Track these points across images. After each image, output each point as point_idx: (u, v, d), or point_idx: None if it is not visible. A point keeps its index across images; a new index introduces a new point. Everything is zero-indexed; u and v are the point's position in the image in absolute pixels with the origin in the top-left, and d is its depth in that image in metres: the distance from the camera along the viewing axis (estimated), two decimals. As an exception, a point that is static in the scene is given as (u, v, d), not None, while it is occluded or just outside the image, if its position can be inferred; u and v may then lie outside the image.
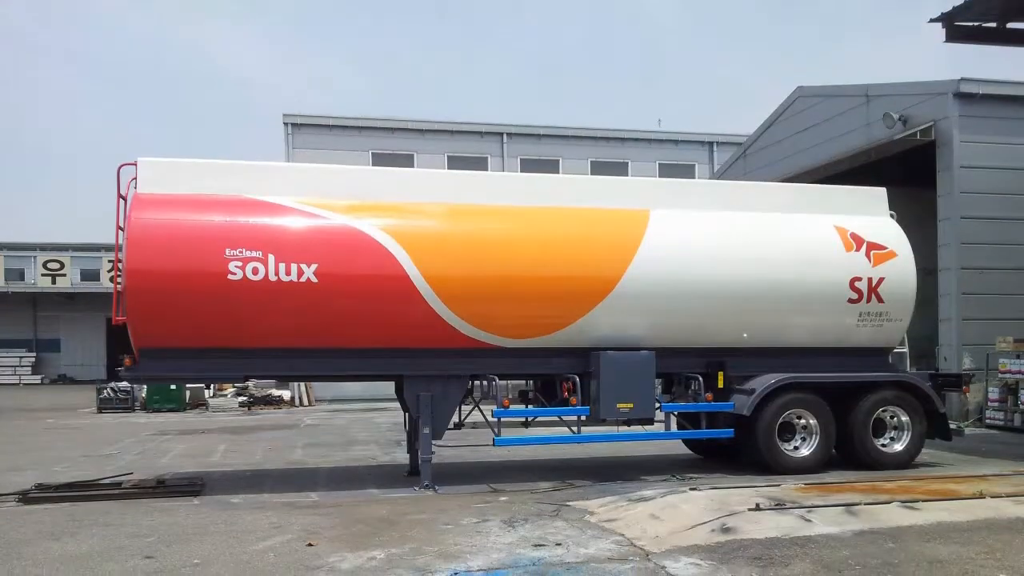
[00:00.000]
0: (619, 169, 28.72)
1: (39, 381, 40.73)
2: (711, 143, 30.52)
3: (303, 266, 8.80)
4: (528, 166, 27.83)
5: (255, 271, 8.70)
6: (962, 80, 15.49)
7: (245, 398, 23.11)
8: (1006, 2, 12.45)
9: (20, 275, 40.50)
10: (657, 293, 9.73)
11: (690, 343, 10.14)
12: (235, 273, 8.67)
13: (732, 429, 10.06)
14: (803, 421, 10.20)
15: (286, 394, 23.58)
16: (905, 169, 16.68)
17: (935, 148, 15.93)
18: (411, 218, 9.42)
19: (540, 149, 28.84)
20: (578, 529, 7.20)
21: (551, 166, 28.15)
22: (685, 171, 29.05)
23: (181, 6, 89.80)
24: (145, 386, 21.59)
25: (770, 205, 10.74)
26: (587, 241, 9.75)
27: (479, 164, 27.52)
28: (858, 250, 10.46)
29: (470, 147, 28.25)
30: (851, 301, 10.36)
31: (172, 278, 8.59)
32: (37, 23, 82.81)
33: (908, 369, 11.29)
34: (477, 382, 9.99)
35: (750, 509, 7.27)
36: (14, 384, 39.15)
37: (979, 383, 14.77)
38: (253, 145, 76.00)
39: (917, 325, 11.50)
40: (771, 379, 10.00)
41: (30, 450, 14.00)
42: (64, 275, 39.54)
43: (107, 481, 9.84)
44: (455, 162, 27.26)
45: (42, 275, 39.41)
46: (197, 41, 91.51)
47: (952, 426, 11.24)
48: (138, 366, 9.02)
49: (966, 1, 12.30)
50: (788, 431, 10.19)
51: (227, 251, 8.68)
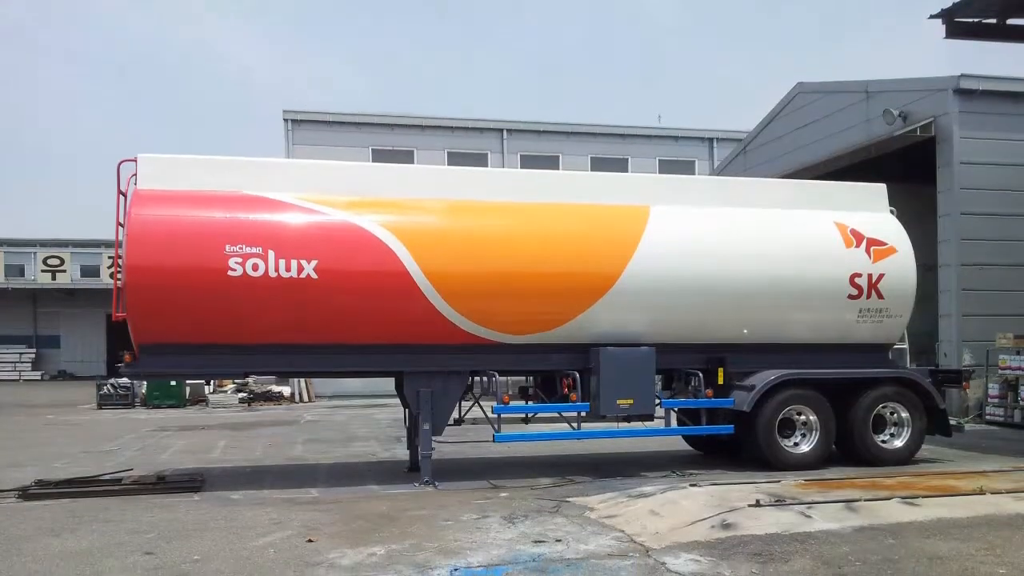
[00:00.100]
0: (619, 165, 28.67)
1: (39, 377, 40.68)
2: (711, 139, 30.44)
3: (303, 262, 8.80)
4: (528, 162, 27.77)
5: (255, 267, 8.70)
6: (962, 76, 15.47)
7: (245, 394, 23.11)
8: (1006, -2, 12.44)
9: (20, 271, 40.39)
10: (657, 289, 9.73)
11: (690, 339, 10.14)
12: (235, 269, 8.67)
13: (732, 425, 10.08)
14: (803, 417, 10.21)
15: (286, 390, 23.58)
16: (905, 165, 16.67)
17: (935, 144, 15.92)
18: (411, 214, 9.42)
19: (540, 145, 28.77)
20: (578, 525, 7.21)
21: (551, 162, 28.09)
22: (685, 167, 28.97)
23: (181, 6, 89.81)
24: (145, 382, 21.63)
25: (770, 201, 10.73)
26: (587, 237, 9.75)
27: (479, 160, 27.46)
28: (858, 246, 10.46)
29: (470, 143, 28.16)
30: (851, 297, 10.36)
31: (172, 274, 8.59)
32: (37, 23, 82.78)
33: (908, 365, 11.28)
34: (477, 378, 10.00)
35: (750, 505, 7.28)
36: (14, 380, 39.10)
37: (979, 379, 14.77)
38: (253, 142, 76.01)
39: (917, 321, 11.50)
40: (771, 375, 10.00)
41: (30, 446, 14.01)
42: (64, 271, 39.43)
43: (107, 477, 9.85)
44: (455, 158, 27.18)
45: (42, 271, 39.29)
46: (197, 41, 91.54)
47: (952, 422, 11.25)
48: (138, 362, 9.02)
49: (966, -2, 12.30)
50: (788, 427, 10.19)
51: (227, 247, 8.68)
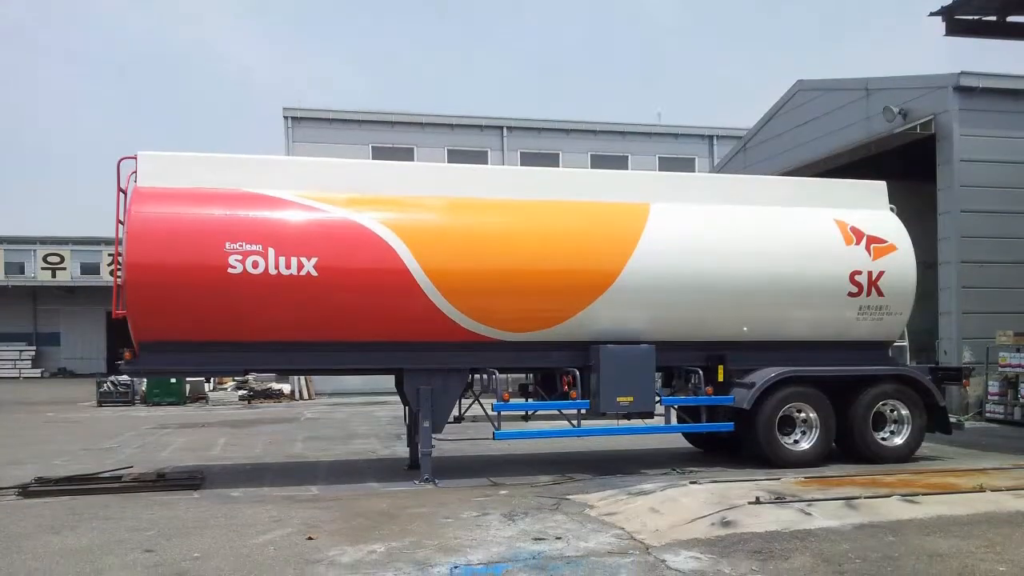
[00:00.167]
0: (619, 163, 28.69)
1: (39, 375, 40.74)
2: (711, 137, 30.46)
3: (303, 260, 8.79)
4: (528, 160, 27.77)
5: (255, 265, 8.69)
6: (962, 74, 15.46)
7: (245, 392, 23.11)
8: (1006, -5, 12.44)
9: (20, 269, 40.43)
10: (657, 287, 9.73)
11: (690, 337, 10.14)
12: (235, 267, 8.66)
13: (732, 423, 10.08)
14: (803, 415, 10.21)
15: (286, 388, 23.58)
16: (905, 163, 16.67)
17: (935, 142, 15.91)
18: (411, 212, 9.42)
19: (540, 143, 28.78)
20: (578, 523, 7.21)
21: (551, 160, 28.10)
22: (685, 165, 28.98)
23: (181, 6, 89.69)
24: (145, 380, 21.64)
25: (770, 199, 10.73)
26: (587, 235, 9.74)
27: (479, 158, 27.45)
28: (858, 244, 10.46)
29: (470, 141, 28.16)
30: (851, 295, 10.36)
31: (172, 272, 8.58)
32: (37, 23, 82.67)
33: (908, 363, 11.29)
34: (477, 376, 10.00)
35: (750, 503, 7.28)
36: (14, 378, 39.15)
37: (979, 377, 14.78)
38: (253, 140, 76.09)
39: (917, 319, 11.50)
40: (771, 373, 10.00)
41: (30, 443, 14.02)
42: (64, 269, 39.44)
43: (107, 475, 9.84)
44: (455, 156, 27.17)
45: (42, 269, 39.30)
46: (197, 40, 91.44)
47: (952, 420, 11.27)
48: (138, 360, 9.01)
49: (966, -5, 12.29)
50: (788, 425, 10.19)
51: (227, 245, 8.67)
